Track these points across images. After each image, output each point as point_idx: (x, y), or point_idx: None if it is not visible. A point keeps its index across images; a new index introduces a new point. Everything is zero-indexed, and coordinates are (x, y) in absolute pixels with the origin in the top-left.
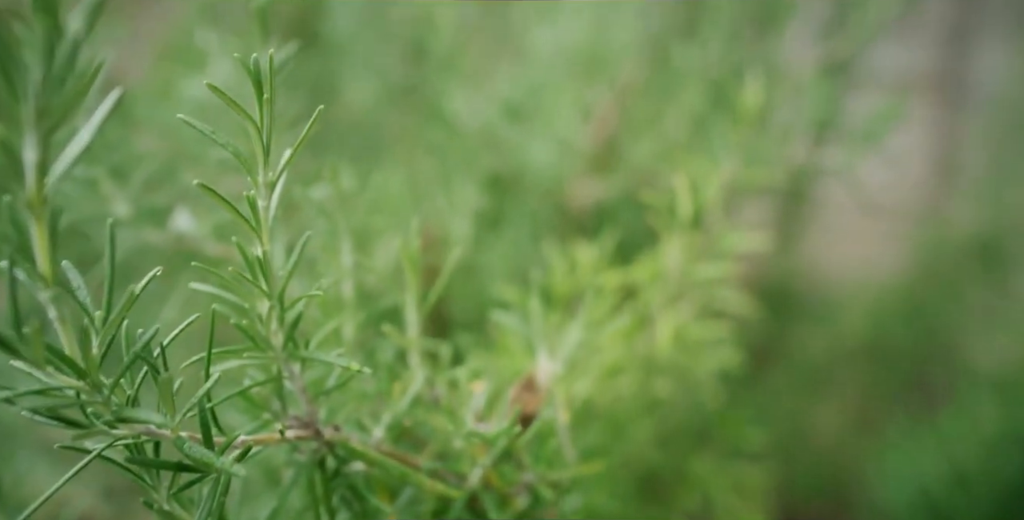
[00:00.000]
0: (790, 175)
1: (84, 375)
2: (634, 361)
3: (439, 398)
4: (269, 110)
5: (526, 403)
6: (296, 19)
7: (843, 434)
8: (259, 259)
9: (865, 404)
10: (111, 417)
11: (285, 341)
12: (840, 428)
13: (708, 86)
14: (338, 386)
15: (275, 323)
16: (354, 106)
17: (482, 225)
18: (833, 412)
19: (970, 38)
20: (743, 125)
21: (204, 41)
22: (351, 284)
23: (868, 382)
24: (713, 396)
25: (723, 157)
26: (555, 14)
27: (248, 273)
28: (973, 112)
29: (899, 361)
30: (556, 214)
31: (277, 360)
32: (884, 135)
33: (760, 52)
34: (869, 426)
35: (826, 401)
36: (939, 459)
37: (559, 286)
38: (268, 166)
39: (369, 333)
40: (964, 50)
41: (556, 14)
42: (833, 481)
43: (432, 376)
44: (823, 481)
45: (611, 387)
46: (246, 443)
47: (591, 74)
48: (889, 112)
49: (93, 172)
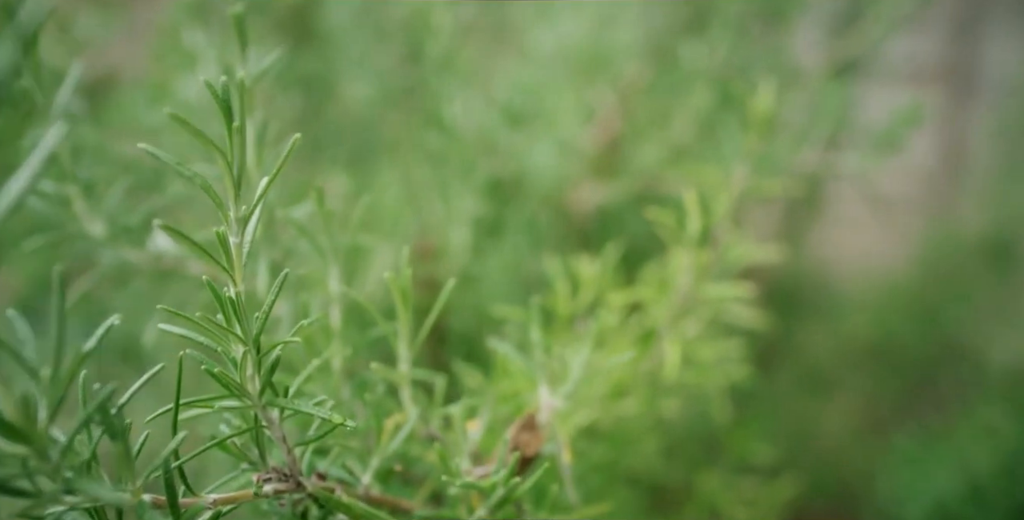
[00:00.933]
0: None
1: (29, 441)
2: (640, 381)
3: (434, 435)
4: (240, 138)
5: (526, 444)
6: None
7: (851, 437)
8: (232, 300)
9: (873, 405)
10: (59, 487)
11: (262, 387)
12: (848, 430)
13: (715, 85)
14: (318, 437)
15: (251, 367)
16: (351, 104)
17: (481, 233)
18: (840, 414)
19: (979, 29)
20: (754, 132)
21: (192, 41)
22: (339, 311)
23: (876, 383)
24: (721, 411)
25: (734, 166)
26: (556, 12)
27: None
28: (982, 104)
29: (907, 361)
30: (558, 220)
31: (255, 408)
32: (902, 140)
33: (769, 49)
34: (877, 428)
35: (833, 402)
36: (954, 472)
37: (562, 307)
38: (239, 200)
39: (360, 361)
40: (973, 41)
41: (557, 12)
42: (841, 486)
43: (427, 412)
44: (830, 486)
45: (616, 408)
46: (218, 503)
47: (593, 74)
48: (908, 116)
49: (65, 189)
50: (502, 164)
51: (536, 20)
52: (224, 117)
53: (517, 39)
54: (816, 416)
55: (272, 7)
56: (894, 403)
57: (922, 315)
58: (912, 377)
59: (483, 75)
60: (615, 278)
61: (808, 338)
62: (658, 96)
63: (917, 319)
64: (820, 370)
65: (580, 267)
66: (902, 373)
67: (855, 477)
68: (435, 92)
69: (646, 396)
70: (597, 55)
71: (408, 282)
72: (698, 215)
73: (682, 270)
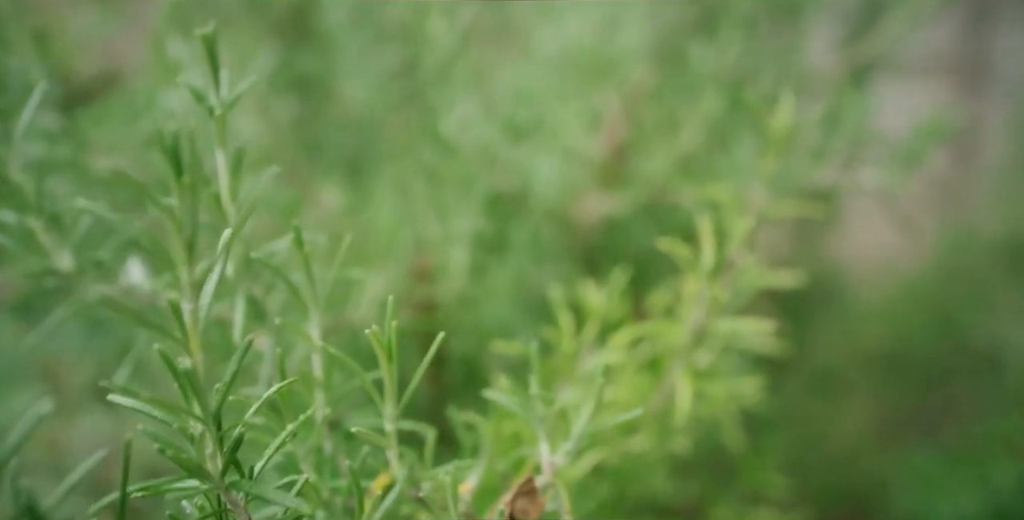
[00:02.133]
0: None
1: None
2: (649, 418)
3: (423, 500)
4: (190, 197)
5: (524, 512)
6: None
7: (864, 446)
8: (187, 373)
9: (887, 411)
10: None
11: (224, 467)
12: (862, 436)
13: (726, 89)
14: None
15: (211, 445)
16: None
17: (482, 250)
18: (854, 420)
19: (993, 20)
20: (772, 152)
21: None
22: (320, 361)
23: (890, 388)
24: (735, 440)
25: (748, 186)
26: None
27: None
28: (996, 96)
29: (923, 366)
30: (562, 232)
31: (216, 490)
32: (927, 154)
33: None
34: (892, 435)
35: (846, 409)
36: (976, 492)
37: (566, 345)
38: (193, 262)
39: (345, 408)
40: (987, 32)
41: (560, 13)
42: (855, 497)
43: (416, 471)
44: (844, 497)
45: (624, 444)
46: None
47: (598, 78)
48: (932, 128)
49: (28, 222)
50: (503, 178)
51: (539, 21)
52: (172, 171)
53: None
54: (829, 422)
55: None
56: (909, 409)
57: (938, 319)
58: (927, 383)
59: (484, 80)
60: (622, 304)
61: (821, 344)
62: (666, 100)
63: (933, 323)
64: (833, 377)
65: (586, 293)
66: (917, 378)
67: (869, 488)
68: (432, 104)
69: (655, 433)
70: (602, 58)
71: (393, 335)
72: (712, 247)
73: (694, 303)
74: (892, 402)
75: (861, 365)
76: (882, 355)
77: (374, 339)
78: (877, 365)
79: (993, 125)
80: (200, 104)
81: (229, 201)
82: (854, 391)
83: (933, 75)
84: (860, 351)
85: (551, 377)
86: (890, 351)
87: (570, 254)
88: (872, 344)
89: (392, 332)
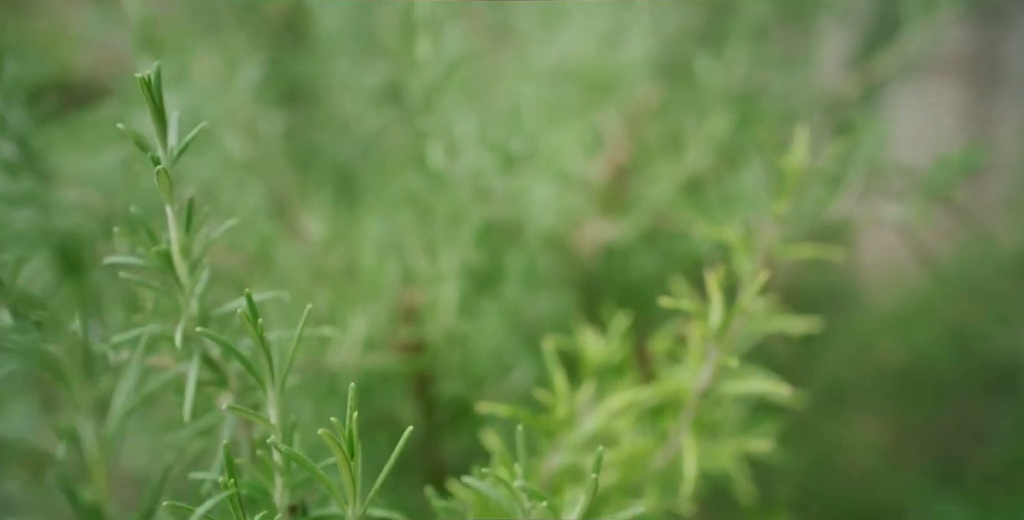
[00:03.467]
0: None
1: None
2: (651, 479)
3: None
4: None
5: None
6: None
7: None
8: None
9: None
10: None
11: None
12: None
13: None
14: None
15: None
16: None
17: (474, 285)
18: (867, 438)
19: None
20: (786, 191)
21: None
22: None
23: (904, 404)
24: (745, 492)
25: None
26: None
27: None
28: (1009, 96)
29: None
30: (560, 261)
31: None
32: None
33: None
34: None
35: (859, 425)
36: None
37: (560, 408)
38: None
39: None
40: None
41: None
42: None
43: None
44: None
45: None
46: None
47: (600, 96)
48: (962, 161)
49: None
50: (497, 207)
51: (539, 31)
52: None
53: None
54: (841, 439)
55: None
56: (923, 425)
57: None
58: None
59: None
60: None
61: (833, 355)
62: (670, 118)
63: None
64: (845, 395)
65: (584, 341)
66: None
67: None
68: (420, 129)
69: (659, 494)
70: (604, 74)
71: (355, 430)
72: (720, 304)
73: (700, 362)
74: (906, 418)
75: (874, 379)
76: (896, 369)
77: (328, 440)
78: (890, 379)
79: (1006, 124)
80: (144, 153)
81: (180, 259)
82: (867, 406)
83: (946, 76)
84: (873, 365)
85: (545, 436)
86: (904, 365)
87: (568, 284)
88: (885, 357)
89: (353, 424)
